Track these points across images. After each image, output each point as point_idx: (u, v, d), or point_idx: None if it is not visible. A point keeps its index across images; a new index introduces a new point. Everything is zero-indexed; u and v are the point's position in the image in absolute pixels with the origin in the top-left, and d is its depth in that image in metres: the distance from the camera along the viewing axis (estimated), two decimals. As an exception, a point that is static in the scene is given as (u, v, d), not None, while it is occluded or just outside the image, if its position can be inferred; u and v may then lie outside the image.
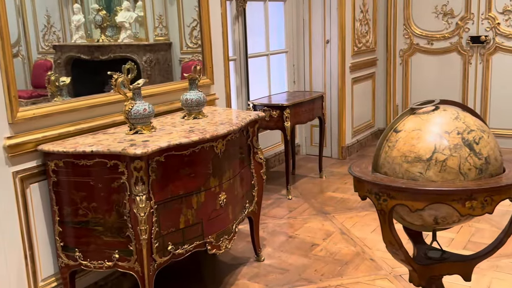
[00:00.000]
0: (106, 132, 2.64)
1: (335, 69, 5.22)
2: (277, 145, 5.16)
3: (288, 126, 4.14)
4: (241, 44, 4.53)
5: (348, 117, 5.40)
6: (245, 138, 2.98)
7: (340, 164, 5.24)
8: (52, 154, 2.36)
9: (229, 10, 4.32)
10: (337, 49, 5.17)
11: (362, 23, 5.51)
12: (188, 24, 3.60)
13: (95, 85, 3.21)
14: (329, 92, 5.28)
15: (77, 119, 2.61)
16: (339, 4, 5.08)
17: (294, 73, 5.37)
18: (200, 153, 2.51)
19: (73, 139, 2.50)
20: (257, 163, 3.07)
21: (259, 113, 3.11)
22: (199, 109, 2.97)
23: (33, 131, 2.41)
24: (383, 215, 1.83)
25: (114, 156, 2.27)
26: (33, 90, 2.89)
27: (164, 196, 2.38)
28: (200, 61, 3.52)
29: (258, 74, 4.92)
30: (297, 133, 5.41)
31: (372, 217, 3.84)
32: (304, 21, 5.30)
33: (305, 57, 5.36)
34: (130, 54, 3.36)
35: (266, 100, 4.46)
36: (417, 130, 1.86)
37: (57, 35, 3.06)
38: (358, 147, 5.67)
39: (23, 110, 2.37)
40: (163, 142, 2.34)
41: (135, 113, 2.52)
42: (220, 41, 3.69)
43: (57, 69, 3.06)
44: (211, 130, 2.59)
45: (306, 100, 4.41)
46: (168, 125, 2.77)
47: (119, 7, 3.41)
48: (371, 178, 1.84)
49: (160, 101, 3.12)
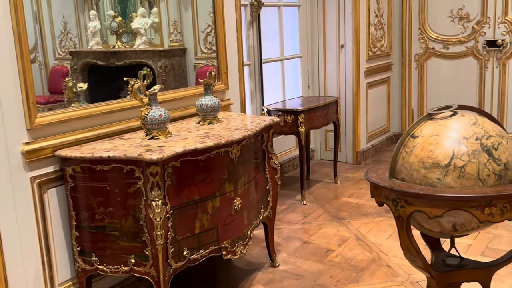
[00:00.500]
0: (123, 137, 2.66)
1: (350, 73, 5.20)
2: (292, 150, 5.16)
3: (302, 131, 4.14)
4: (255, 49, 4.54)
5: (363, 122, 5.37)
6: (259, 143, 2.98)
7: (355, 169, 5.22)
8: (69, 159, 2.39)
9: (244, 16, 4.33)
10: (352, 53, 5.16)
11: (377, 28, 5.50)
12: (203, 29, 3.62)
13: (111, 91, 3.24)
14: (344, 97, 5.26)
15: (93, 124, 2.64)
16: (354, 8, 5.07)
17: (308, 78, 5.36)
18: (215, 158, 2.52)
19: (89, 144, 2.53)
20: (271, 168, 3.07)
21: (274, 118, 3.11)
22: (214, 115, 2.98)
23: (51, 136, 2.45)
24: (401, 222, 1.81)
25: (130, 162, 2.28)
26: (50, 95, 2.93)
27: (180, 201, 2.39)
28: (215, 67, 3.53)
29: (273, 79, 4.92)
30: (312, 138, 5.40)
31: (388, 223, 3.81)
32: (319, 26, 5.30)
33: (320, 62, 5.35)
34: (145, 60, 3.38)
35: (280, 105, 4.46)
36: (435, 136, 1.85)
37: (74, 41, 3.10)
38: (373, 152, 5.64)
39: (41, 116, 2.40)
40: (179, 147, 2.36)
41: (151, 118, 2.54)
42: (234, 46, 3.71)
43: (73, 75, 3.10)
44: (226, 135, 2.60)
45: (321, 105, 4.40)
46: (183, 130, 2.79)
47: (135, 14, 3.45)
48: (389, 184, 1.83)
49: (175, 106, 3.14)
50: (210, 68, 3.57)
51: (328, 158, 5.40)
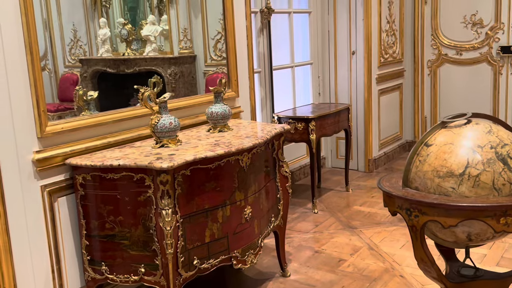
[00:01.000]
0: (133, 145, 2.69)
1: (361, 80, 5.20)
2: (302, 158, 5.16)
3: (313, 138, 4.14)
4: (265, 56, 4.56)
5: (375, 129, 5.36)
6: (270, 151, 2.99)
7: (367, 177, 5.20)
8: (79, 167, 2.41)
9: (254, 23, 4.36)
10: (363, 60, 5.16)
11: (389, 34, 5.50)
12: (213, 36, 3.64)
13: (121, 99, 3.27)
14: (355, 104, 5.26)
15: (104, 133, 2.66)
16: (365, 14, 5.08)
17: (319, 85, 5.37)
18: (225, 166, 2.53)
19: (100, 152, 2.55)
20: (282, 176, 3.07)
21: (285, 126, 3.11)
22: (224, 122, 3.00)
23: (61, 145, 2.47)
24: (415, 232, 1.81)
25: (140, 170, 2.30)
26: (60, 103, 2.96)
27: (190, 210, 2.40)
28: (225, 74, 3.55)
29: (283, 86, 4.93)
30: (323, 145, 5.39)
31: (401, 232, 3.79)
32: (329, 33, 5.31)
33: (331, 69, 5.36)
34: (155, 67, 3.41)
35: (291, 113, 4.46)
36: (449, 144, 1.84)
37: (83, 49, 3.13)
38: (385, 160, 5.62)
39: (52, 125, 2.42)
40: (189, 155, 2.37)
41: (161, 126, 2.55)
42: (245, 53, 3.72)
43: (83, 82, 3.13)
44: (237, 143, 2.61)
45: (332, 112, 4.40)
46: (193, 138, 2.80)
47: (144, 21, 3.47)
48: (402, 193, 1.83)
49: (185, 114, 3.16)
50: (220, 75, 3.59)
51: (340, 166, 5.39)
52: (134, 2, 3.57)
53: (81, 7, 3.16)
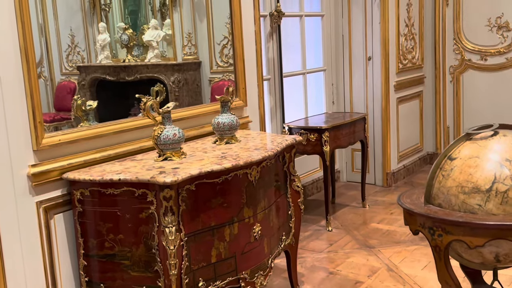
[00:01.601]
0: (134, 158, 2.70)
1: (378, 88, 5.20)
2: (315, 171, 5.15)
3: (327, 150, 4.14)
4: (275, 63, 4.58)
5: (393, 140, 5.35)
6: (281, 164, 2.99)
7: (385, 192, 5.19)
8: (77, 182, 2.43)
9: (263, 27, 4.38)
10: (380, 66, 5.17)
11: (408, 38, 5.51)
12: (219, 41, 3.66)
13: (121, 108, 3.29)
14: (372, 113, 5.26)
15: (103, 145, 2.68)
16: (382, 17, 5.09)
17: (333, 93, 5.38)
18: (233, 181, 2.53)
19: (99, 166, 2.57)
20: (294, 191, 3.07)
21: (296, 137, 3.12)
22: (232, 134, 3.01)
23: (58, 158, 2.49)
24: (438, 252, 1.80)
25: (142, 185, 2.31)
26: (56, 113, 2.99)
27: (195, 228, 2.40)
28: (232, 81, 3.57)
29: (294, 95, 4.95)
30: (337, 158, 5.39)
31: (423, 252, 3.77)
32: (344, 37, 5.33)
33: (345, 76, 5.37)
34: (157, 75, 3.43)
35: (302, 123, 4.47)
36: (475, 158, 1.84)
37: (82, 55, 3.16)
38: (405, 173, 5.60)
39: (48, 137, 2.44)
40: (194, 169, 2.38)
41: (164, 138, 2.57)
42: (253, 59, 3.74)
43: (81, 91, 3.16)
44: (245, 156, 2.62)
45: (347, 122, 4.41)
46: (199, 150, 2.81)
47: (146, 26, 3.50)
48: (424, 210, 1.83)
49: (190, 125, 3.18)
50: (226, 82, 3.61)
51: (355, 180, 5.38)
52: (135, 6, 3.61)
53: (79, 11, 3.20)
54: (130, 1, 3.59)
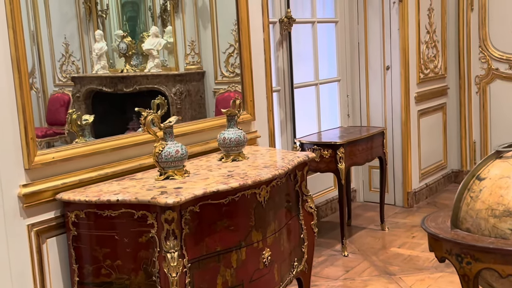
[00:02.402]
0: (133, 177, 2.71)
1: (398, 100, 5.21)
2: (329, 191, 5.15)
3: (342, 168, 4.14)
4: (285, 73, 4.60)
5: (415, 156, 5.34)
6: (292, 183, 2.99)
7: (406, 213, 5.16)
8: (72, 203, 2.44)
9: (272, 34, 4.41)
10: (399, 76, 5.17)
11: (429, 46, 5.52)
12: (224, 50, 3.68)
13: (119, 122, 3.31)
14: (391, 127, 5.26)
15: (100, 163, 2.69)
16: (401, 24, 5.11)
17: (348, 105, 5.39)
18: (240, 202, 2.54)
19: (95, 186, 2.58)
20: (306, 213, 3.07)
21: (309, 154, 3.12)
22: (239, 150, 3.02)
23: (52, 177, 2.50)
24: (467, 281, 1.79)
25: (142, 206, 2.32)
26: (48, 127, 3.00)
27: (199, 253, 2.40)
28: (239, 93, 3.58)
29: (306, 107, 4.96)
30: (353, 176, 5.38)
31: (449, 280, 3.75)
32: (359, 45, 5.35)
33: (361, 87, 5.38)
34: (157, 86, 3.46)
35: (315, 138, 4.48)
36: (506, 178, 1.83)
37: (76, 65, 3.19)
38: (427, 192, 5.58)
39: (41, 154, 2.45)
40: (198, 189, 2.38)
41: (166, 155, 2.58)
42: (262, 69, 3.76)
43: (75, 103, 3.18)
44: (253, 174, 2.62)
45: (364, 137, 4.41)
46: (203, 168, 2.82)
47: (146, 33, 3.53)
48: (451, 235, 1.82)
49: (193, 141, 3.19)
50: (232, 94, 3.62)
51: (373, 200, 5.36)
52: (133, 12, 3.63)
53: (74, 17, 3.23)
54: (129, 6, 3.62)
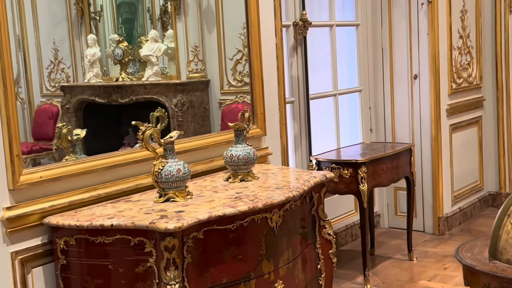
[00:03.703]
0: (129, 199, 2.73)
1: (427, 112, 5.20)
2: (350, 215, 5.13)
3: (364, 189, 4.13)
4: (300, 82, 4.61)
5: (446, 177, 5.32)
6: (308, 207, 3.00)
7: (436, 241, 5.13)
8: (61, 228, 2.45)
9: (286, 39, 4.43)
10: (429, 86, 5.17)
11: (462, 52, 5.52)
12: (231, 56, 3.71)
13: (113, 137, 3.34)
14: (419, 143, 5.24)
15: (93, 183, 2.71)
16: (431, 27, 5.11)
17: (371, 119, 5.39)
18: (249, 227, 2.54)
19: (87, 209, 2.59)
20: (324, 240, 3.07)
21: (326, 173, 3.13)
22: (248, 169, 3.03)
23: (39, 199, 2.52)
24: (506, 319, 1.78)
25: (139, 232, 2.33)
26: (34, 142, 3.03)
27: (203, 285, 2.40)
28: (248, 104, 3.59)
29: (323, 121, 4.97)
30: (377, 198, 5.37)
31: (485, 317, 3.72)
32: (384, 51, 5.35)
33: (386, 98, 5.38)
34: (156, 96, 3.48)
35: (334, 155, 4.48)
36: (549, 202, 1.84)
37: (66, 73, 3.22)
38: (461, 218, 5.55)
39: (28, 173, 2.48)
40: (202, 213, 2.39)
41: (166, 175, 2.60)
42: (274, 78, 3.78)
43: (65, 116, 3.21)
44: (264, 196, 2.63)
45: (389, 155, 4.41)
46: (208, 190, 2.84)
47: (144, 38, 3.56)
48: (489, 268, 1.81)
49: (196, 158, 3.21)
50: (240, 106, 3.64)
51: (399, 225, 5.34)
52: (130, 14, 3.66)
53: (64, 20, 3.27)
54: (125, 8, 3.65)
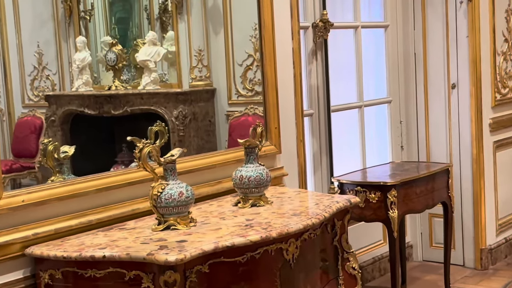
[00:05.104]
0: (124, 227, 2.73)
1: (467, 127, 5.18)
2: (378, 246, 5.11)
3: (394, 216, 4.12)
4: (320, 92, 4.61)
5: (490, 202, 5.29)
6: (329, 236, 3.00)
7: (478, 277, 5.10)
8: (46, 260, 2.45)
9: (304, 43, 4.43)
10: (469, 97, 5.15)
11: (508, 58, 5.50)
12: (240, 61, 3.72)
13: (105, 154, 3.35)
14: (458, 163, 5.22)
15: (82, 208, 2.72)
16: (471, 30, 5.09)
17: (401, 134, 5.37)
18: (262, 260, 2.54)
19: (76, 238, 2.60)
20: (348, 275, 3.06)
21: (351, 198, 3.13)
22: (260, 192, 3.03)
23: (21, 226, 2.52)
24: None
25: (135, 265, 2.33)
26: (14, 160, 3.05)
27: (208, 328, 2.41)
28: (259, 117, 3.59)
29: (347, 136, 4.96)
30: (409, 227, 5.34)
31: None
32: (416, 56, 5.34)
33: (419, 110, 5.36)
34: (154, 107, 3.48)
35: (359, 176, 4.47)
36: None
37: (52, 80, 3.24)
38: (507, 250, 5.51)
39: (8, 196, 2.49)
40: (208, 243, 2.39)
41: (167, 199, 2.60)
42: (290, 87, 3.79)
43: (49, 129, 3.22)
44: (279, 224, 2.63)
45: (423, 176, 4.39)
46: (214, 216, 2.84)
47: (141, 40, 3.57)
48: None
49: (201, 179, 3.21)
50: (250, 118, 3.64)
51: (435, 258, 5.30)
52: (125, 12, 3.68)
53: (50, 20, 3.29)
54: (119, 5, 3.67)
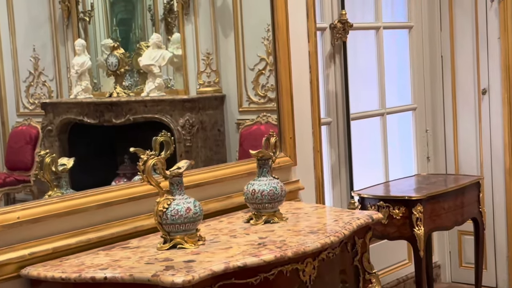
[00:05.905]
0: (127, 246, 2.74)
1: (499, 137, 5.16)
2: (402, 266, 5.10)
3: (420, 233, 4.11)
4: (339, 99, 4.61)
5: (524, 218, 5.29)
6: (350, 256, 2.99)
7: (512, 300, 5.10)
8: (43, 282, 2.45)
9: (321, 45, 4.43)
10: (501, 104, 5.13)
11: (543, 60, 5.51)
12: (252, 66, 3.72)
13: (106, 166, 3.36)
14: (490, 175, 5.20)
15: (82, 225, 2.73)
16: (503, 30, 5.08)
17: (427, 144, 5.36)
18: (276, 281, 2.54)
19: (75, 258, 2.60)
20: (370, 298, 3.07)
21: (373, 214, 3.12)
22: (274, 208, 3.03)
23: (16, 245, 2.53)
24: None
25: (139, 287, 2.32)
26: (8, 173, 3.07)
27: None
28: (273, 126, 3.59)
29: (368, 147, 4.96)
30: (436, 245, 5.33)
31: None
32: (444, 59, 5.34)
33: (446, 118, 5.35)
34: (159, 116, 3.49)
35: (381, 190, 4.46)
36: None
37: (49, 87, 3.25)
38: (543, 270, 5.50)
39: (2, 212, 2.50)
40: (218, 263, 2.39)
41: (173, 215, 2.60)
42: (306, 93, 3.79)
43: (46, 140, 3.23)
44: (295, 243, 2.63)
45: (451, 190, 4.38)
46: (224, 234, 2.84)
47: (144, 43, 3.58)
48: None
49: (210, 194, 3.22)
50: (262, 127, 3.64)
51: (465, 280, 5.29)
52: (127, 13, 3.69)
53: (46, 22, 3.31)
54: (120, 6, 3.68)
